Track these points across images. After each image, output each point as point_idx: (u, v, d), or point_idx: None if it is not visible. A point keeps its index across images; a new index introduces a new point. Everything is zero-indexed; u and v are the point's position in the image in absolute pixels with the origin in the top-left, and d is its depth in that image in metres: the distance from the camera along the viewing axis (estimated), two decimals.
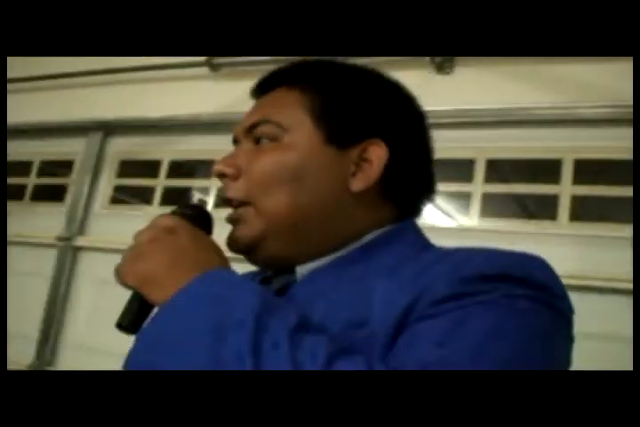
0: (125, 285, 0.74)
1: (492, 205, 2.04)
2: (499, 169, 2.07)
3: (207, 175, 2.51)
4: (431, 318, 0.68)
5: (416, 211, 0.90)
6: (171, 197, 2.58)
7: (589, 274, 1.78)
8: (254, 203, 0.82)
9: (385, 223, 0.85)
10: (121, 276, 0.75)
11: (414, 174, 0.87)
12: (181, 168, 2.62)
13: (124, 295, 0.79)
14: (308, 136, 0.83)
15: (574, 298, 0.77)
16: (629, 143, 1.85)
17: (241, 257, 0.86)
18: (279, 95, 0.87)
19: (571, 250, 1.86)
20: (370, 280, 0.77)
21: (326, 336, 0.67)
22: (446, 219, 2.07)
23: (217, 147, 1.96)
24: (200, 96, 2.46)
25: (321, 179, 0.82)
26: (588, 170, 1.94)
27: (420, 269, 0.74)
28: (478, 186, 2.04)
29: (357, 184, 0.83)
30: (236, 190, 0.84)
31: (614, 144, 1.90)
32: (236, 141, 0.89)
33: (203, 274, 0.70)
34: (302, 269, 0.83)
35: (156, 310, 0.72)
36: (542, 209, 1.97)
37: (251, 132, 0.86)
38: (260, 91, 0.91)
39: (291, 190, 0.81)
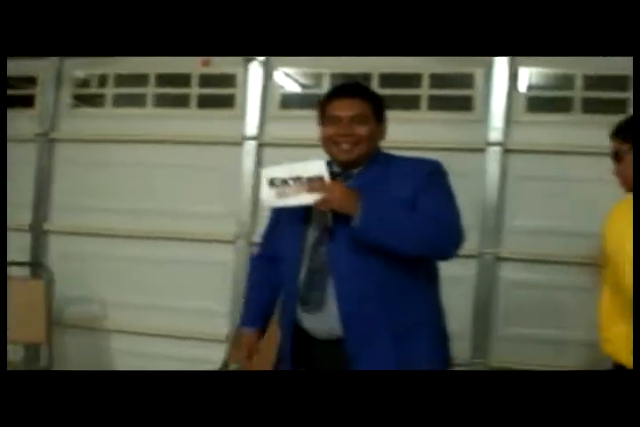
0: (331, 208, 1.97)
1: None
2: None
3: None
4: (426, 195, 2.00)
5: None
6: None
7: None
8: (359, 144, 2.04)
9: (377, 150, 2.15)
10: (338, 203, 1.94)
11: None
12: None
13: None
14: (374, 121, 2.08)
15: None
16: None
17: None
18: (361, 101, 2.07)
19: None
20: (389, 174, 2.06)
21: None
22: None
23: None
24: None
25: (377, 134, 2.11)
26: None
27: (409, 174, 2.04)
28: None
29: (383, 135, 2.14)
30: (351, 139, 2.04)
31: None
32: (339, 118, 2.05)
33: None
34: (358, 170, 2.10)
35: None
36: None
37: (352, 117, 2.04)
38: (345, 95, 2.09)
39: (373, 141, 2.08)
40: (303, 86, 3.75)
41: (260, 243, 2.36)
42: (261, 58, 3.60)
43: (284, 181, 1.99)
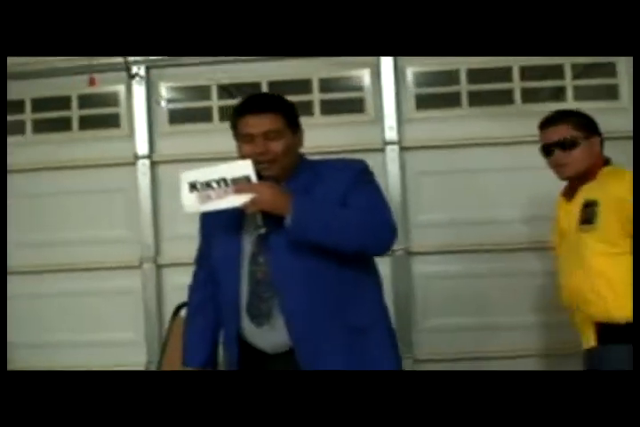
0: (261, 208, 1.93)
1: None
2: None
3: None
4: (357, 193, 2.00)
5: None
6: None
7: None
8: (276, 161, 2.00)
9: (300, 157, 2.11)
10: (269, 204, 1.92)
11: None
12: None
13: None
14: (289, 133, 2.03)
15: None
16: None
17: None
18: (272, 116, 2.00)
19: None
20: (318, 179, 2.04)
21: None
22: None
23: None
24: None
25: (294, 145, 2.06)
26: None
27: (337, 175, 2.03)
28: None
29: (301, 143, 2.10)
30: (267, 157, 1.99)
31: None
32: (252, 137, 1.99)
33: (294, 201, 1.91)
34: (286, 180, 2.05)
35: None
36: None
37: (265, 134, 1.98)
38: (254, 111, 2.01)
39: (292, 154, 2.04)
40: (190, 100, 3.65)
41: (196, 264, 2.28)
42: (142, 73, 3.47)
43: (207, 185, 1.91)
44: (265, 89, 3.48)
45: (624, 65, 3.30)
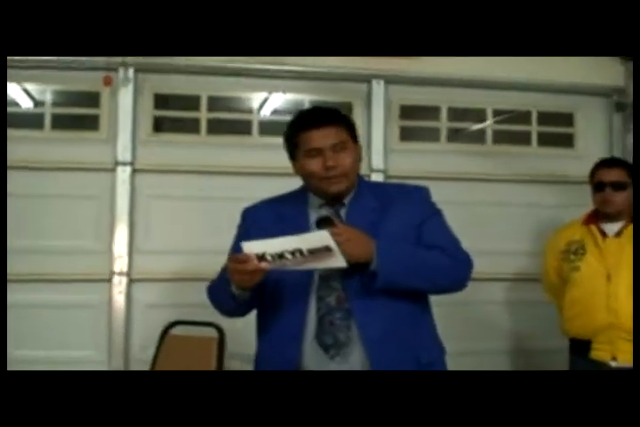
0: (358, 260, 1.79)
1: None
2: None
3: None
4: (431, 224, 1.97)
5: None
6: None
7: None
8: (347, 174, 1.91)
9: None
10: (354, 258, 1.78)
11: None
12: None
13: None
14: (353, 145, 1.95)
15: None
16: None
17: None
18: (337, 129, 1.92)
19: None
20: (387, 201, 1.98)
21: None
22: None
23: None
24: None
25: (359, 161, 2.00)
26: None
27: (409, 198, 2.00)
28: None
29: (361, 157, 2.02)
30: (338, 171, 1.89)
31: None
32: (319, 151, 1.89)
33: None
34: (348, 198, 1.97)
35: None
36: None
37: (333, 147, 1.89)
38: (318, 124, 1.91)
39: (356, 168, 1.97)
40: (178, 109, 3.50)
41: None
42: (130, 76, 3.29)
43: (280, 256, 1.74)
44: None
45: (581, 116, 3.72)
